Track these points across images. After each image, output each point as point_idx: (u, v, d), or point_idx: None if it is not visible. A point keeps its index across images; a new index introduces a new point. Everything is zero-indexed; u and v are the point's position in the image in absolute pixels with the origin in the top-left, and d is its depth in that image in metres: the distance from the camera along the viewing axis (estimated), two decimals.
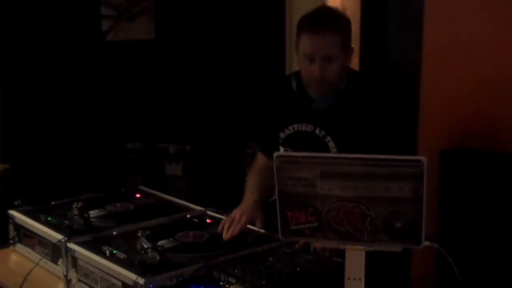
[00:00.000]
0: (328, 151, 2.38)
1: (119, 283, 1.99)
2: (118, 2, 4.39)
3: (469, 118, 3.05)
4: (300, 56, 2.35)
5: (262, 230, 2.36)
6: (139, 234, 2.09)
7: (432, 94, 3.08)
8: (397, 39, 3.42)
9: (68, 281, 2.23)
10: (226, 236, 2.29)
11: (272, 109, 2.56)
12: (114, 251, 2.14)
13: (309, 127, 2.42)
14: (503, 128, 2.93)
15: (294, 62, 4.32)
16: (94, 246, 2.19)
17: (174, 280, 1.96)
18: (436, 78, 3.17)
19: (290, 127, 2.47)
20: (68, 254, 2.21)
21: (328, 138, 2.39)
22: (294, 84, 2.44)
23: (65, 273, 2.24)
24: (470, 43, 3.03)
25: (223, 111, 4.66)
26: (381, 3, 3.43)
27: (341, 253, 1.71)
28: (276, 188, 1.66)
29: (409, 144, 2.38)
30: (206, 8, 4.63)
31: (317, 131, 2.41)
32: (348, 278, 1.67)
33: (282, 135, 2.49)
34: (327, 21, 2.31)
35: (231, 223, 2.34)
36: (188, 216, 2.54)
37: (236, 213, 2.39)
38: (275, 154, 1.66)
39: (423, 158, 1.53)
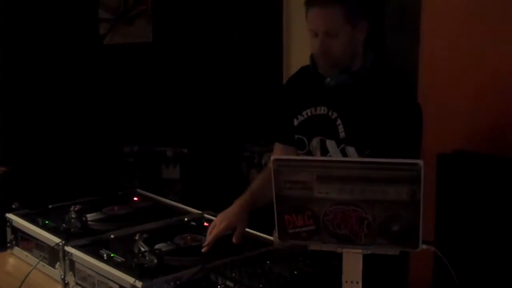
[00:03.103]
0: (337, 134, 2.29)
1: (117, 287, 1.99)
2: (116, 5, 4.39)
3: (466, 121, 3.05)
4: (308, 33, 2.27)
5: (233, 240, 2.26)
6: (137, 238, 2.09)
7: (429, 97, 3.08)
8: (394, 42, 3.43)
9: (65, 285, 2.23)
10: (204, 249, 2.21)
11: (288, 96, 2.49)
12: (112, 255, 2.14)
13: (323, 110, 2.34)
14: (500, 131, 2.93)
15: (292, 64, 4.33)
16: (92, 250, 2.20)
17: (171, 283, 1.96)
18: (433, 81, 3.17)
19: (304, 113, 2.40)
20: (66, 258, 2.21)
21: (339, 121, 2.30)
22: (311, 64, 2.36)
23: (62, 277, 2.24)
24: (467, 46, 3.03)
25: (221, 114, 4.66)
26: (378, 8, 3.44)
27: (338, 256, 1.71)
28: (274, 192, 1.66)
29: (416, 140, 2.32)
30: (203, 11, 4.63)
31: (330, 113, 2.32)
32: (346, 282, 1.67)
33: (296, 121, 2.42)
34: None
35: (211, 229, 2.28)
36: (185, 219, 2.54)
37: (217, 218, 2.33)
38: (272, 157, 1.66)
39: (420, 162, 1.53)
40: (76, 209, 2.38)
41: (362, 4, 2.27)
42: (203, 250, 2.21)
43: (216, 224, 2.29)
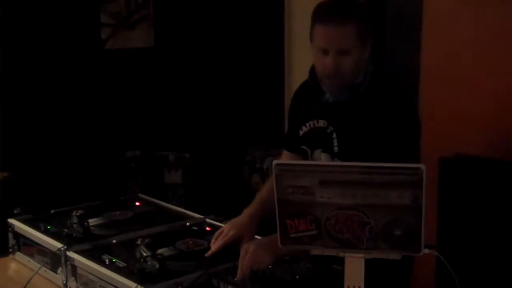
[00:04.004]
0: (332, 148, 2.29)
1: None
2: (118, 10, 4.40)
3: (468, 125, 3.05)
4: (313, 47, 2.23)
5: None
6: (139, 242, 2.09)
7: (431, 101, 3.09)
8: (396, 45, 3.43)
9: None
10: (208, 253, 2.21)
11: (295, 109, 2.49)
12: (114, 260, 2.14)
13: (323, 123, 2.33)
14: (502, 135, 2.93)
15: (293, 70, 4.33)
16: (94, 255, 2.19)
17: None
18: (434, 85, 3.17)
19: (307, 124, 2.38)
20: (68, 263, 2.21)
21: (334, 135, 2.29)
22: (309, 77, 2.34)
23: (64, 282, 2.24)
24: (469, 49, 3.03)
25: (223, 119, 4.66)
26: (379, 9, 3.44)
27: (340, 261, 1.71)
28: (276, 196, 1.66)
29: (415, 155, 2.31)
30: (205, 16, 4.64)
31: (328, 127, 2.31)
32: (348, 286, 1.67)
33: (300, 132, 2.41)
34: (342, 10, 2.16)
35: (218, 235, 2.26)
36: (187, 224, 2.54)
37: (226, 226, 2.31)
38: (274, 162, 1.66)
39: (422, 166, 1.53)
40: (78, 214, 2.38)
41: (370, 22, 2.25)
42: (206, 255, 2.20)
43: (224, 231, 2.27)
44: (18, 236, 2.52)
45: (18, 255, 2.53)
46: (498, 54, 2.93)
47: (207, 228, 2.50)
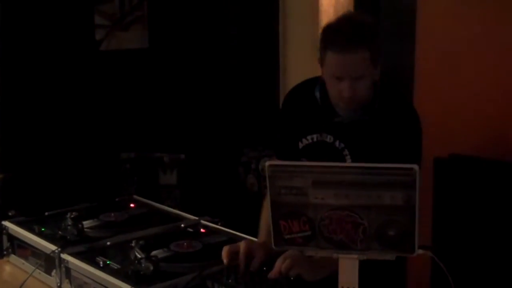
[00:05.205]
0: None
1: None
2: (112, 12, 4.39)
3: (462, 125, 3.05)
4: (325, 73, 2.20)
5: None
6: (133, 244, 2.09)
7: (425, 101, 3.09)
8: (390, 46, 3.42)
9: None
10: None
11: (293, 117, 2.43)
12: (108, 262, 2.14)
13: (329, 138, 2.31)
14: (497, 134, 2.94)
15: (288, 69, 4.33)
16: (88, 257, 2.19)
17: None
18: (428, 85, 3.17)
19: (309, 137, 2.35)
20: (62, 265, 2.21)
21: (346, 152, 2.28)
22: (317, 94, 2.30)
23: (58, 284, 2.24)
24: (463, 51, 3.04)
25: (218, 120, 4.66)
26: (373, 11, 3.43)
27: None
28: (269, 197, 1.66)
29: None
30: (199, 17, 4.64)
31: (337, 143, 2.30)
32: (342, 287, 1.67)
33: (300, 144, 2.38)
34: (354, 37, 2.10)
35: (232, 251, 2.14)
36: (182, 225, 2.54)
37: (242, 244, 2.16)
38: (267, 163, 1.66)
39: (415, 166, 1.54)
40: (72, 216, 2.37)
41: (380, 42, 2.22)
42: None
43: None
44: (12, 238, 2.52)
45: (13, 258, 2.53)
46: (493, 53, 2.94)
47: (202, 230, 2.50)
